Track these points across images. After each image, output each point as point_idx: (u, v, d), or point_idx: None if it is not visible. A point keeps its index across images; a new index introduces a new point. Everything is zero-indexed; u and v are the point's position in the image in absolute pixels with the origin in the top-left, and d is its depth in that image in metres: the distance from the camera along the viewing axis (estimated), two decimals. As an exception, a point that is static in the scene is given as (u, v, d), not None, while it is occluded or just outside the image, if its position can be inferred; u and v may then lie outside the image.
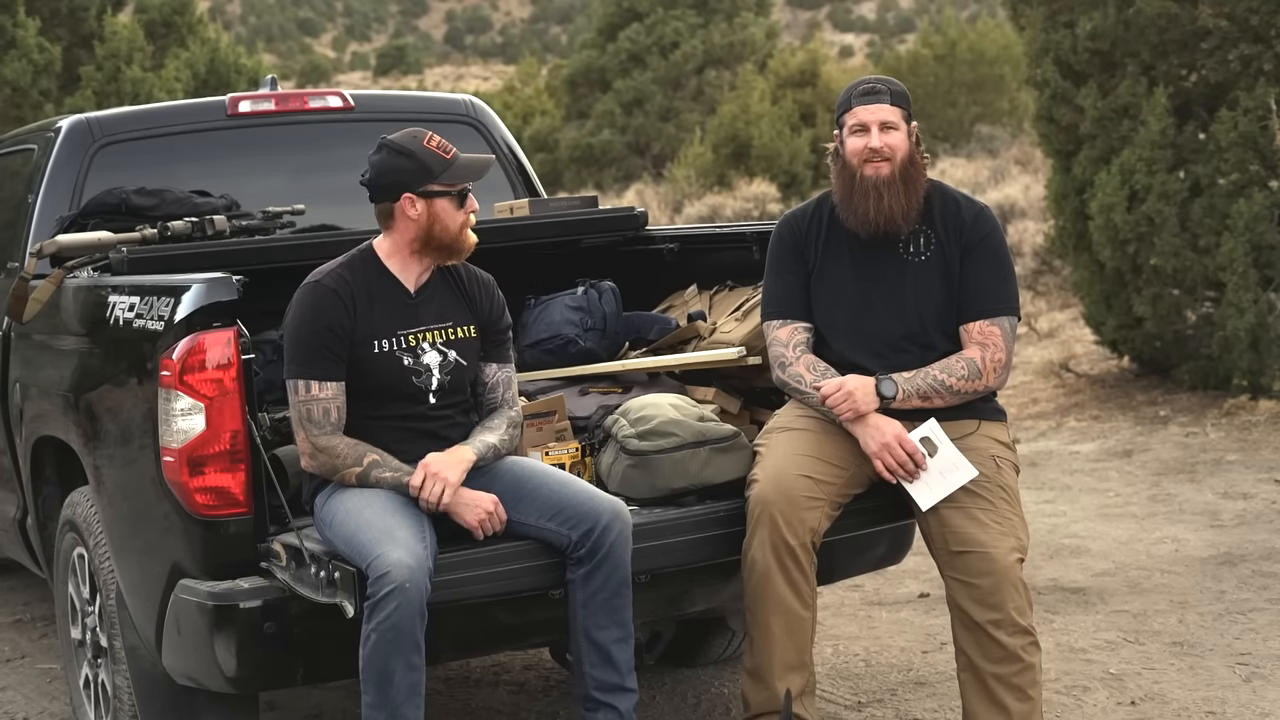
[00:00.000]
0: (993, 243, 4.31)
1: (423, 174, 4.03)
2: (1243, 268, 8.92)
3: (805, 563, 4.08)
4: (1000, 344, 4.23)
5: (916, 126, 4.35)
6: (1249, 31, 8.99)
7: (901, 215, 4.25)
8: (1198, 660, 5.24)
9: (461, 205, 4.07)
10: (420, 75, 76.99)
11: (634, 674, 4.05)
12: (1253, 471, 7.95)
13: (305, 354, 3.97)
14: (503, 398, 4.20)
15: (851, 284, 4.31)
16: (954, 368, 4.20)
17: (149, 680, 4.23)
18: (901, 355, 4.25)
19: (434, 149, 4.05)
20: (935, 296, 4.27)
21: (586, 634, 3.98)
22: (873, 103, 4.27)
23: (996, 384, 4.25)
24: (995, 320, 4.25)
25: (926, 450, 4.12)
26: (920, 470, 4.12)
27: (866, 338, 4.28)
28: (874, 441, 4.14)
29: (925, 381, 4.19)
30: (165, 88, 15.53)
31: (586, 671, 4.01)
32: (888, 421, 4.15)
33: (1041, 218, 14.12)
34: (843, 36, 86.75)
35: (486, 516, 3.91)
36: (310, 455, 3.97)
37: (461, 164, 4.07)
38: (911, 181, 4.27)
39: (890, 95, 4.28)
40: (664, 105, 33.41)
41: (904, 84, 4.48)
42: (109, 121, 5.60)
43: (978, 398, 4.26)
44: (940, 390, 4.20)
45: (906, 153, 4.27)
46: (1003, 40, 29.00)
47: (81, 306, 4.55)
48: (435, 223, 4.04)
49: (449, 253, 4.11)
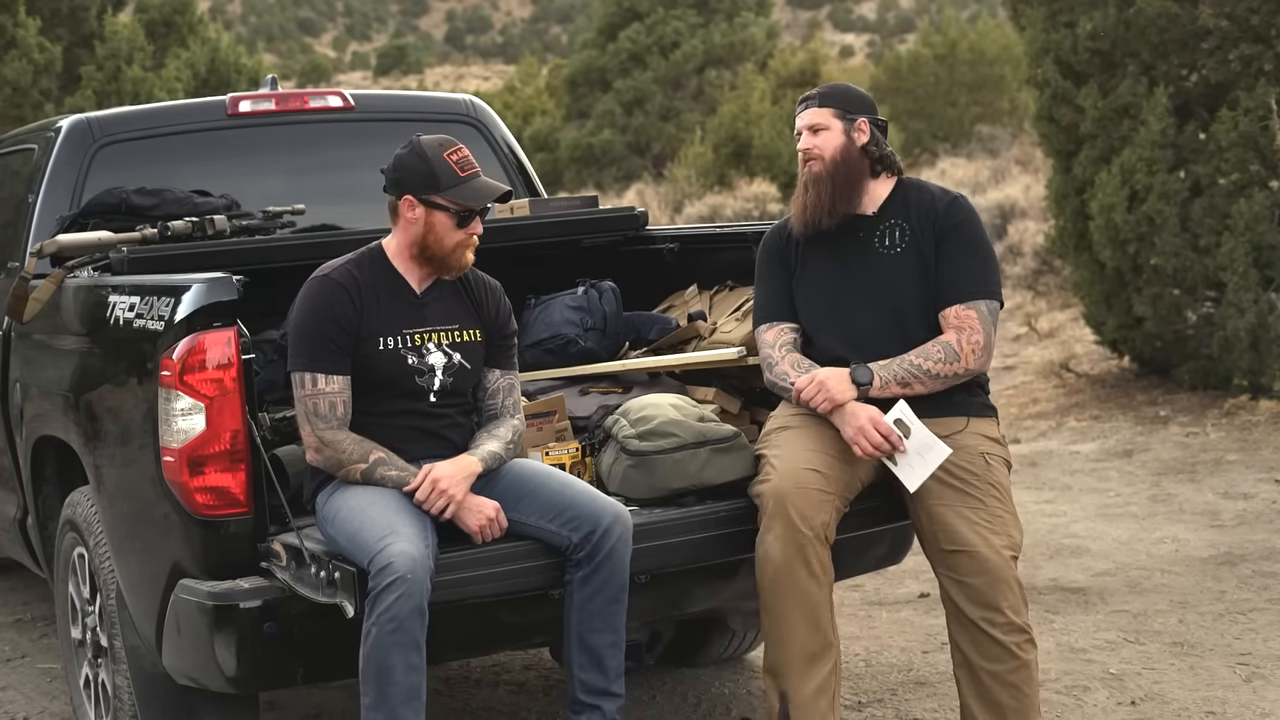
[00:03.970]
0: (967, 229, 4.33)
1: (429, 181, 4.02)
2: (1243, 268, 8.92)
3: (822, 553, 4.08)
4: (977, 326, 4.24)
5: (865, 122, 4.37)
6: (1249, 31, 8.99)
7: (827, 209, 4.31)
8: (1198, 660, 5.24)
9: (461, 225, 4.04)
10: (420, 75, 77.00)
11: (622, 679, 4.04)
12: (1253, 471, 7.95)
13: (311, 347, 3.97)
14: (503, 404, 4.19)
15: (829, 281, 4.35)
16: (930, 352, 4.21)
17: (149, 680, 4.23)
18: (881, 348, 4.26)
19: (451, 161, 4.03)
20: (912, 288, 4.30)
21: (580, 637, 3.98)
22: (803, 109, 4.43)
23: (977, 366, 4.24)
24: (971, 304, 4.26)
25: (900, 432, 4.13)
26: (899, 451, 4.13)
27: (847, 333, 4.31)
28: (850, 427, 4.15)
29: (902, 368, 4.20)
30: (165, 88, 15.54)
31: (575, 674, 4.01)
32: (862, 407, 4.17)
33: (1042, 218, 14.13)
34: (843, 36, 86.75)
35: (488, 523, 3.91)
36: (316, 449, 3.98)
37: (472, 186, 4.03)
38: (844, 177, 4.33)
39: (820, 99, 4.41)
40: (664, 105, 33.42)
41: (904, 84, 4.51)
42: (109, 121, 5.60)
43: (962, 383, 4.26)
44: (919, 375, 4.20)
45: (838, 148, 4.34)
46: (1003, 40, 29.02)
47: (82, 306, 4.55)
48: (430, 233, 4.04)
49: (440, 267, 4.09)
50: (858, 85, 4.71)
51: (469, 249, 4.08)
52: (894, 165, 4.42)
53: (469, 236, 4.06)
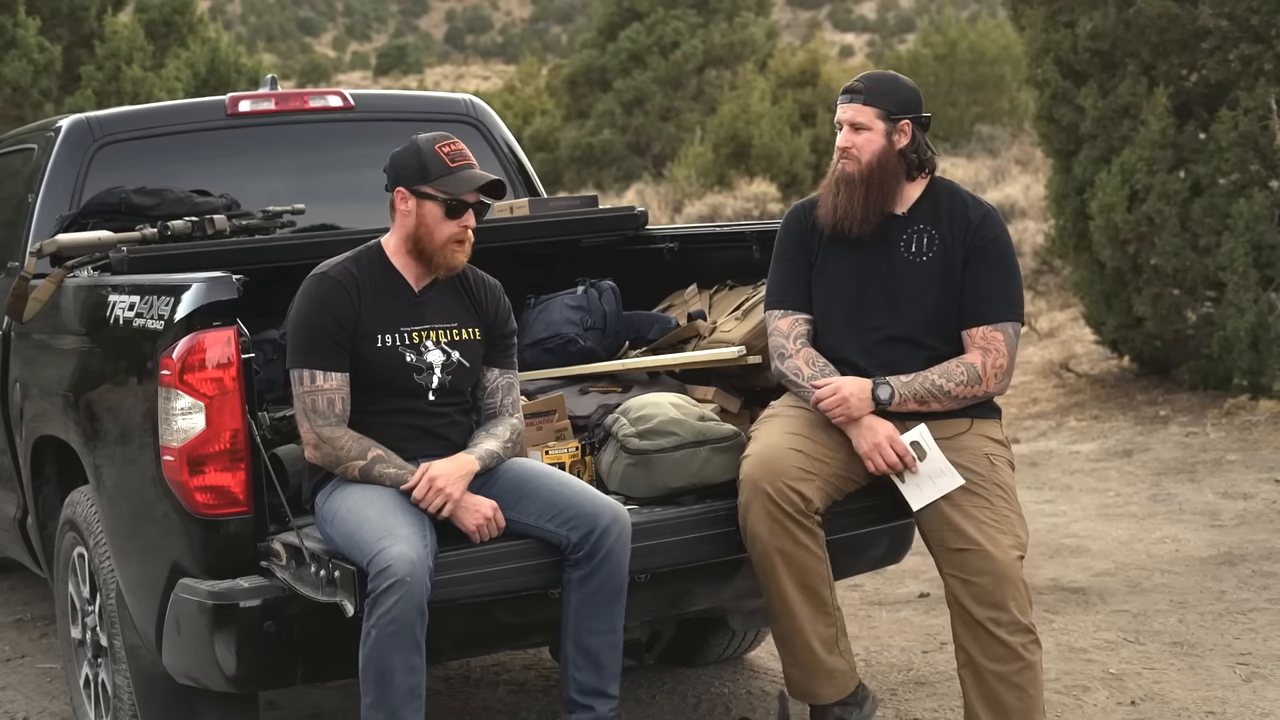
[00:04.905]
0: (999, 246, 4.27)
1: (419, 172, 4.03)
2: (1243, 268, 8.92)
3: (804, 521, 4.07)
4: (1003, 349, 4.21)
5: (909, 123, 4.26)
6: (1249, 31, 8.99)
7: (859, 218, 4.24)
8: (1198, 660, 5.24)
9: (450, 216, 4.02)
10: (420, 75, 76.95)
11: (618, 681, 4.02)
12: (1253, 471, 7.95)
13: (309, 344, 3.97)
14: (502, 403, 4.18)
15: (850, 280, 4.30)
16: (954, 372, 4.18)
17: (149, 680, 4.22)
18: (892, 354, 4.24)
19: (441, 153, 4.03)
20: (932, 298, 4.26)
21: (576, 636, 3.97)
22: (847, 100, 4.28)
23: (996, 390, 4.24)
24: (999, 326, 4.22)
25: (915, 454, 4.12)
26: (911, 472, 4.13)
27: (859, 334, 4.28)
28: (865, 442, 4.14)
29: (923, 386, 4.18)
30: (165, 87, 15.54)
31: (571, 674, 3.99)
32: (880, 423, 4.15)
33: (1041, 218, 14.12)
34: (843, 36, 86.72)
35: (485, 522, 3.90)
36: (314, 446, 3.97)
37: (460, 176, 4.02)
38: (879, 184, 4.24)
39: (866, 95, 4.26)
40: (664, 105, 33.40)
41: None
42: (109, 121, 5.60)
43: (977, 400, 4.25)
44: (938, 395, 4.18)
45: (877, 153, 4.24)
46: (1003, 40, 29.01)
47: (81, 306, 4.55)
48: (421, 225, 4.03)
49: (431, 264, 4.08)
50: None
51: (461, 247, 4.06)
52: (931, 166, 4.33)
53: (461, 230, 4.04)
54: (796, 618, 4.13)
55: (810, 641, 4.16)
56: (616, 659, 4.01)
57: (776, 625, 4.22)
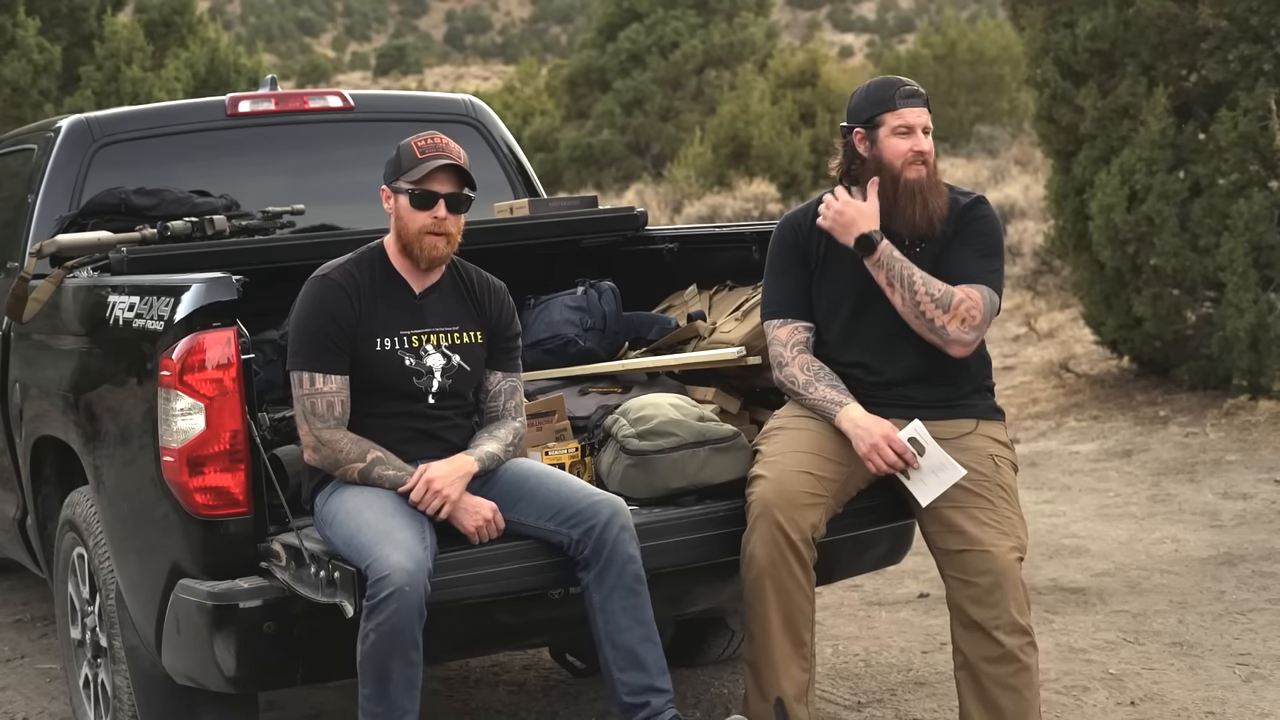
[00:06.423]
0: (984, 225, 4.31)
1: (395, 168, 4.04)
2: (1243, 268, 8.92)
3: (805, 557, 4.08)
4: (978, 301, 4.19)
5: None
6: (1249, 31, 8.98)
7: (939, 217, 4.26)
8: (1198, 660, 5.24)
9: (419, 207, 3.98)
10: (420, 75, 77.01)
11: (667, 674, 3.93)
12: (1253, 471, 7.95)
13: (309, 346, 3.97)
14: (505, 407, 4.17)
15: (854, 285, 4.30)
16: (932, 284, 4.16)
17: (149, 680, 4.22)
18: (897, 353, 4.25)
19: (415, 146, 4.02)
20: None
21: (609, 638, 3.89)
22: (918, 105, 4.26)
23: (956, 334, 4.17)
24: (978, 286, 4.22)
25: (914, 450, 4.13)
26: (913, 469, 4.13)
27: (864, 336, 4.29)
28: (863, 443, 4.14)
29: (904, 269, 4.17)
30: (165, 88, 15.55)
31: (616, 677, 3.90)
32: (876, 422, 4.15)
33: (1041, 218, 14.12)
34: (843, 36, 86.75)
35: (484, 523, 3.90)
36: (314, 449, 3.97)
37: (423, 164, 3.97)
38: (939, 184, 4.29)
39: (925, 99, 4.31)
40: (664, 105, 33.42)
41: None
42: (109, 121, 5.60)
43: (971, 384, 4.26)
44: (904, 288, 4.16)
45: (935, 160, 4.30)
46: (1003, 40, 29.05)
47: (81, 306, 4.55)
48: (398, 220, 4.04)
49: (414, 257, 4.05)
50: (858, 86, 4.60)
51: (439, 239, 4.01)
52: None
53: (434, 221, 3.98)
54: (773, 650, 4.10)
55: (780, 681, 4.10)
56: (658, 653, 3.92)
57: (750, 647, 4.18)
